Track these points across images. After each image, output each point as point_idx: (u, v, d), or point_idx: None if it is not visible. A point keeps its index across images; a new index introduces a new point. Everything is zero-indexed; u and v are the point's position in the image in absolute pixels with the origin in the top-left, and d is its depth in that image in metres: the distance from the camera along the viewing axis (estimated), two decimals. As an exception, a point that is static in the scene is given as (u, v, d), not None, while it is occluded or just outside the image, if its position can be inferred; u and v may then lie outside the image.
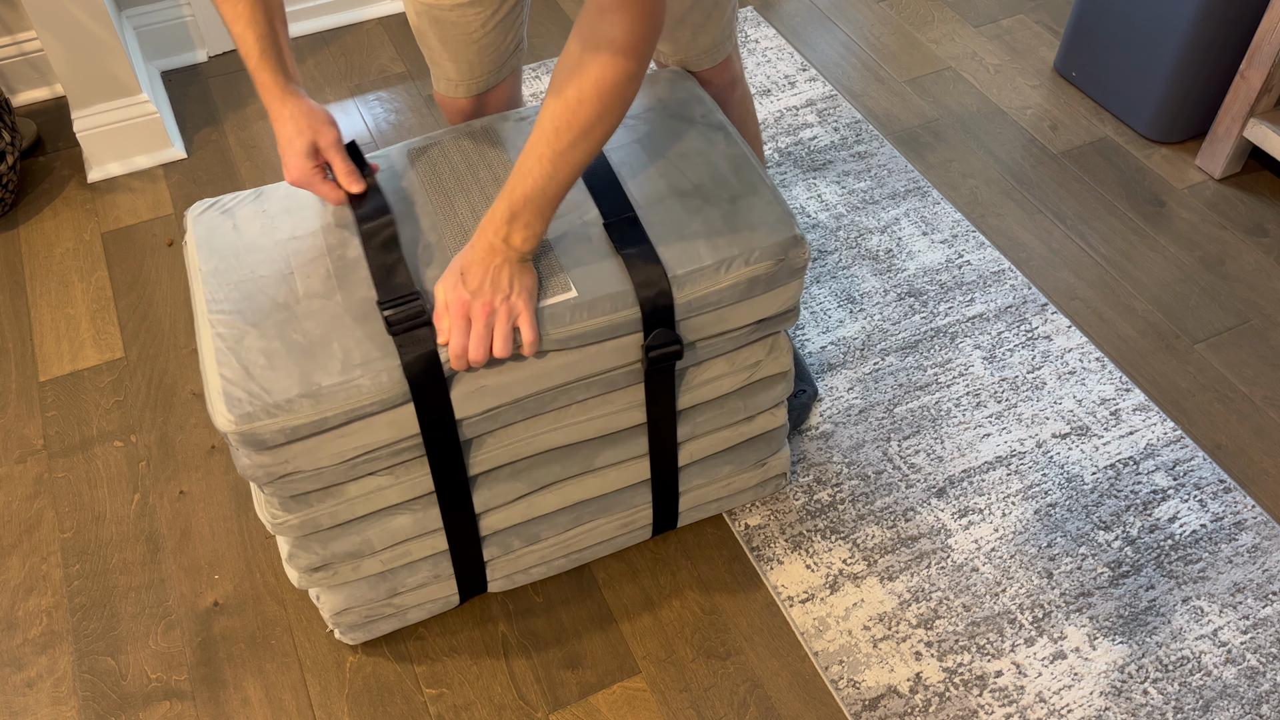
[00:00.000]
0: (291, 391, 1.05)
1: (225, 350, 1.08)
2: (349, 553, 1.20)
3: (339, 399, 1.05)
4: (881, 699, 1.32)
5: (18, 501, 1.53)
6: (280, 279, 1.14)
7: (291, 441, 1.07)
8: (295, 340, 1.08)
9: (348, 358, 1.07)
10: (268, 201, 1.23)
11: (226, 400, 1.04)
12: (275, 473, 1.09)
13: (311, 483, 1.12)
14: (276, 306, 1.11)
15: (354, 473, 1.13)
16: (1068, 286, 1.82)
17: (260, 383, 1.05)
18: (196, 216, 1.22)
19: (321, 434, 1.07)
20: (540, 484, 1.26)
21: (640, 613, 1.41)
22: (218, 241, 1.18)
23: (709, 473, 1.39)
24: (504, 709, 1.32)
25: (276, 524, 1.15)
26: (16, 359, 1.72)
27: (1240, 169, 2.01)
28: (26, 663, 1.37)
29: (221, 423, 1.04)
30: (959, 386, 1.66)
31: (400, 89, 2.22)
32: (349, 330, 1.09)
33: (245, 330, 1.09)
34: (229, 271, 1.15)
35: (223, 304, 1.12)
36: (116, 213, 1.96)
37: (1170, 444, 1.58)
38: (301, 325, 1.09)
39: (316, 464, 1.09)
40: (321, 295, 1.12)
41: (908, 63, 2.27)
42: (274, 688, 1.34)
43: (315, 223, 1.19)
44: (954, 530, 1.49)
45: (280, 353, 1.07)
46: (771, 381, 1.33)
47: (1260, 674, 1.34)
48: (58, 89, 2.21)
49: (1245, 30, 1.91)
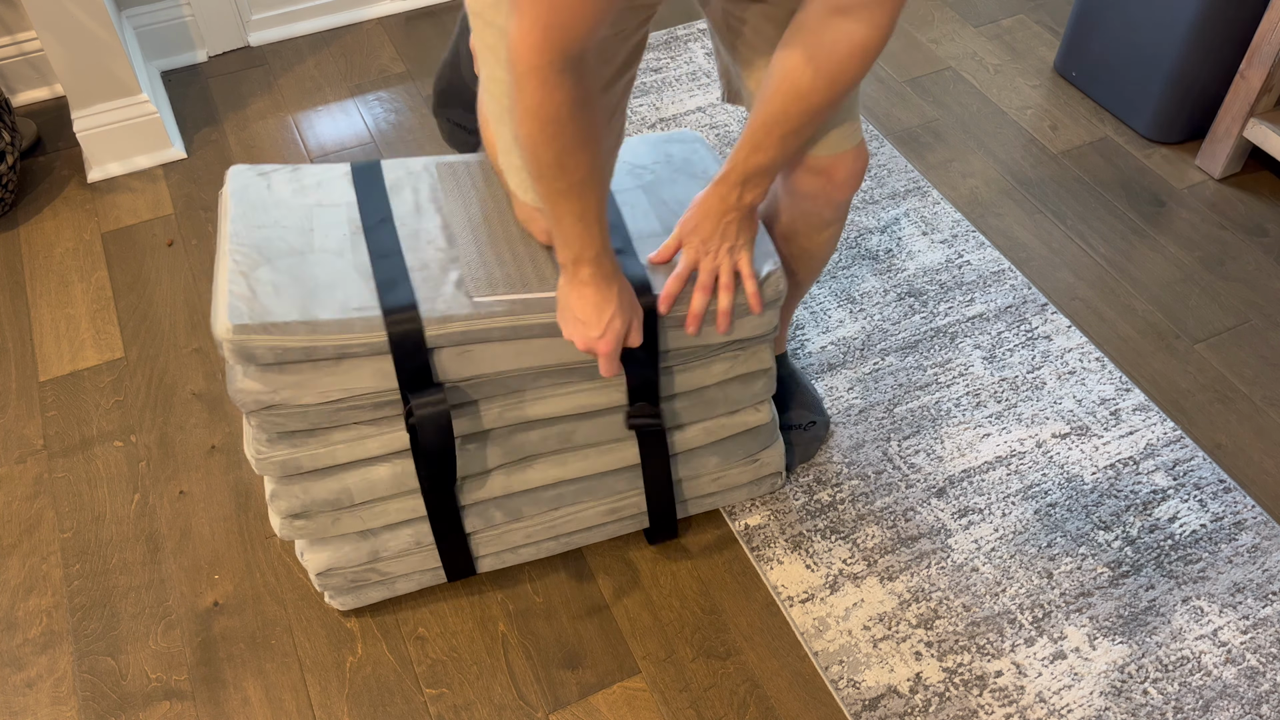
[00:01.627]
0: (290, 316, 1.12)
1: (238, 274, 1.16)
2: (328, 500, 1.25)
3: (331, 333, 1.13)
4: (881, 699, 1.32)
5: (18, 501, 1.53)
6: (300, 231, 1.23)
7: (282, 363, 1.13)
8: (303, 279, 1.17)
9: (347, 302, 1.15)
10: (303, 174, 1.32)
11: (230, 311, 1.11)
12: (263, 401, 1.14)
13: (297, 421, 1.17)
14: (292, 251, 1.20)
15: (337, 418, 1.19)
16: (1068, 286, 1.82)
17: (264, 303, 1.13)
18: (235, 174, 1.31)
19: (311, 364, 1.14)
20: (517, 454, 1.29)
21: (640, 613, 1.41)
22: (250, 195, 1.27)
23: (695, 464, 1.40)
24: (504, 709, 1.32)
25: (260, 459, 1.20)
26: (16, 359, 1.72)
27: (1240, 169, 2.01)
28: (26, 663, 1.37)
29: (221, 330, 1.11)
30: (959, 386, 1.66)
31: (400, 89, 2.22)
32: (354, 282, 1.17)
33: (260, 263, 1.18)
34: (255, 217, 1.24)
35: (244, 240, 1.20)
36: (116, 213, 1.96)
37: (1170, 444, 1.58)
38: (311, 270, 1.18)
39: (302, 400, 1.16)
40: (334, 251, 1.21)
41: (908, 63, 2.27)
42: (274, 688, 1.34)
43: (342, 198, 1.28)
44: (954, 530, 1.49)
45: (287, 286, 1.15)
46: (752, 378, 1.35)
47: (1260, 674, 1.34)
48: (58, 89, 2.21)
49: (1245, 30, 1.91)
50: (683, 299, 1.24)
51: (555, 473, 1.33)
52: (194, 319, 1.78)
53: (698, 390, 1.33)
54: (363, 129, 2.13)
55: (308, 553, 1.31)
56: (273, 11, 2.31)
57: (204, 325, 1.77)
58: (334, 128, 2.13)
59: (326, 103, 2.19)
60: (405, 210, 1.27)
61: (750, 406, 1.38)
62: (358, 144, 2.09)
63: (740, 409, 1.38)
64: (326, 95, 2.21)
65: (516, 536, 1.37)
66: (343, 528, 1.28)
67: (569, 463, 1.33)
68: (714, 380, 1.32)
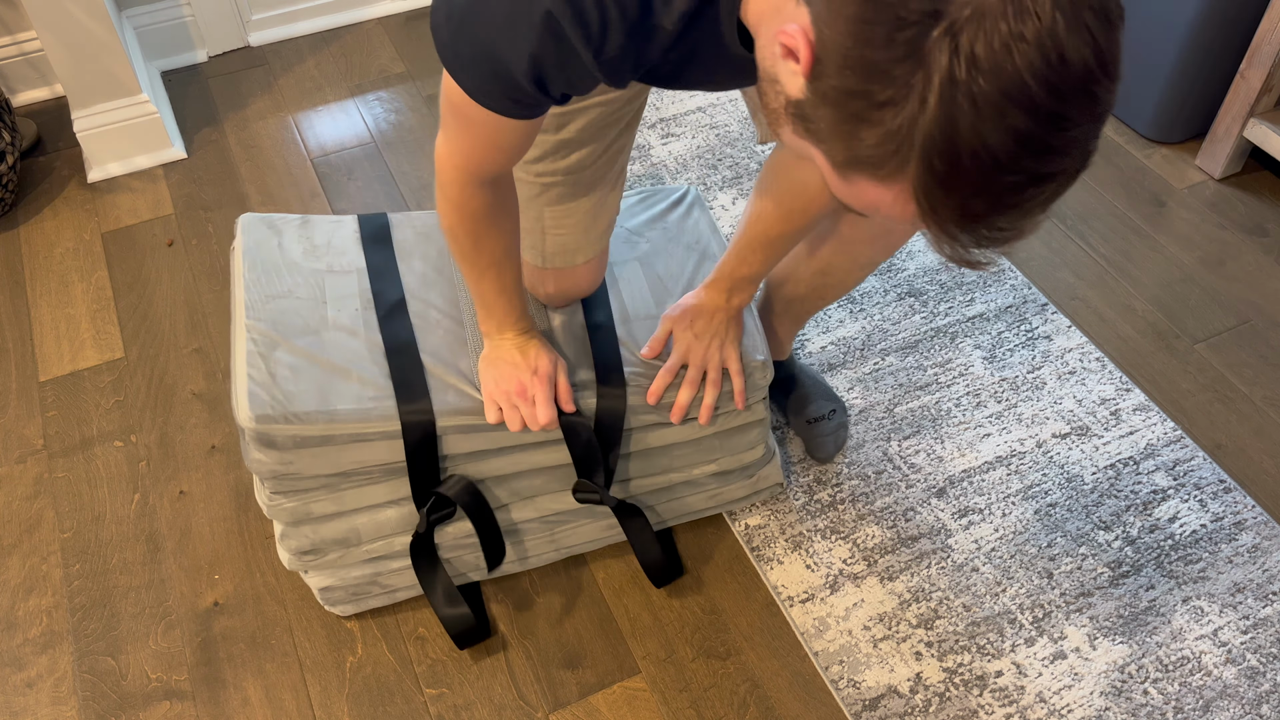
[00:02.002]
0: (310, 405, 1.16)
1: (256, 355, 1.20)
2: (338, 540, 1.27)
3: (349, 423, 1.17)
4: (881, 699, 1.32)
5: (18, 501, 1.53)
6: (314, 303, 1.26)
7: (299, 448, 1.16)
8: (320, 362, 1.21)
9: (362, 391, 1.19)
10: (313, 229, 1.35)
11: (251, 399, 1.15)
12: (278, 471, 1.18)
13: (308, 483, 1.21)
14: (308, 329, 1.24)
15: (347, 479, 1.23)
16: (1068, 286, 1.82)
17: (283, 390, 1.17)
18: (246, 225, 1.33)
19: (326, 446, 1.18)
20: (519, 496, 1.32)
21: (640, 613, 1.41)
22: (263, 255, 1.30)
23: (691, 487, 1.41)
24: (504, 709, 1.32)
25: (271, 507, 1.23)
26: (16, 359, 1.72)
27: (1240, 169, 2.01)
28: (26, 663, 1.37)
29: (242, 418, 1.15)
30: (959, 386, 1.66)
31: (400, 89, 2.22)
32: (367, 369, 1.21)
33: (277, 341, 1.21)
34: (269, 284, 1.27)
35: (260, 314, 1.24)
36: (116, 213, 1.96)
37: (1170, 444, 1.58)
38: (327, 351, 1.22)
39: (316, 470, 1.19)
40: (348, 330, 1.25)
41: (908, 63, 2.27)
42: (274, 688, 1.34)
43: (353, 264, 1.32)
44: (954, 530, 1.48)
45: (305, 369, 1.19)
46: (747, 428, 1.37)
47: (1260, 674, 1.34)
48: (58, 89, 2.21)
49: (1245, 30, 1.91)
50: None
51: (555, 506, 1.35)
52: (194, 319, 1.78)
53: (694, 440, 1.35)
54: (363, 129, 2.13)
55: (311, 573, 1.33)
56: (273, 11, 2.31)
57: (204, 325, 1.77)
58: (334, 128, 2.13)
59: (326, 103, 2.19)
60: (414, 281, 1.31)
61: (745, 449, 1.40)
62: (358, 144, 2.09)
63: (736, 453, 1.39)
64: (326, 95, 2.21)
65: (517, 552, 1.39)
66: (350, 559, 1.30)
67: (565, 497, 1.35)
68: (709, 432, 1.34)
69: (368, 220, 1.38)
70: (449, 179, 1.04)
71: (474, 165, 1.02)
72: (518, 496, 1.32)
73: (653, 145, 2.07)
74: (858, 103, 0.65)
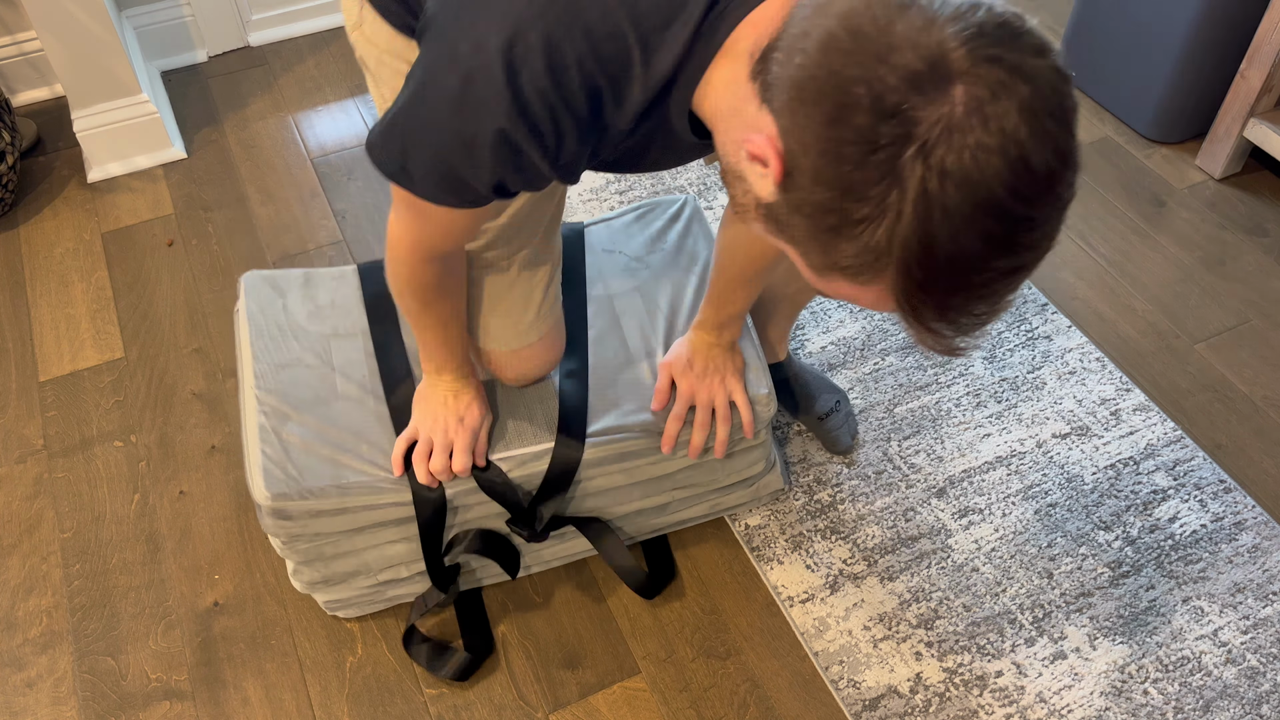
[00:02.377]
0: (323, 481, 1.19)
1: (269, 430, 1.22)
2: (348, 572, 1.31)
3: (362, 494, 1.20)
4: (881, 699, 1.32)
5: (18, 501, 1.53)
6: (322, 374, 1.29)
7: (314, 519, 1.20)
8: (330, 434, 1.23)
9: (374, 461, 1.22)
10: (316, 290, 1.38)
11: (265, 477, 1.19)
12: (294, 534, 1.22)
13: (323, 538, 1.25)
14: (317, 400, 1.26)
15: (359, 533, 1.26)
16: (1068, 286, 1.82)
17: (297, 466, 1.20)
18: (250, 287, 1.35)
19: (341, 515, 1.21)
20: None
21: (640, 613, 1.41)
22: (268, 319, 1.33)
23: (693, 500, 1.42)
24: (504, 709, 1.32)
25: (284, 547, 1.26)
26: (16, 359, 1.72)
27: (1240, 169, 2.01)
28: (26, 663, 1.37)
29: (259, 496, 1.18)
30: (959, 386, 1.66)
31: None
32: (377, 436, 1.24)
33: (287, 414, 1.24)
34: (276, 352, 1.29)
35: (269, 384, 1.27)
36: (116, 213, 1.96)
37: (1170, 444, 1.58)
38: (337, 422, 1.24)
39: (329, 531, 1.23)
40: (356, 399, 1.27)
41: (908, 63, 2.27)
42: (274, 688, 1.34)
43: (357, 325, 1.34)
44: (954, 530, 1.48)
45: (316, 443, 1.22)
46: (749, 450, 1.39)
47: (1260, 674, 1.34)
48: (58, 89, 2.21)
49: (1245, 30, 1.91)
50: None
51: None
52: (194, 319, 1.78)
53: (696, 465, 1.36)
54: (363, 129, 2.13)
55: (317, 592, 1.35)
56: (273, 11, 2.31)
57: (204, 325, 1.77)
58: (334, 128, 2.13)
59: (326, 103, 2.19)
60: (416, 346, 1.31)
61: (747, 467, 1.41)
62: (358, 144, 2.09)
63: (738, 470, 1.40)
64: (326, 95, 2.21)
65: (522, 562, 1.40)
66: (359, 585, 1.33)
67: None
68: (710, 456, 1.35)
69: (368, 273, 1.39)
70: (402, 256, 1.05)
71: (427, 246, 1.03)
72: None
73: (653, 145, 2.07)
74: (833, 218, 0.66)
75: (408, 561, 1.31)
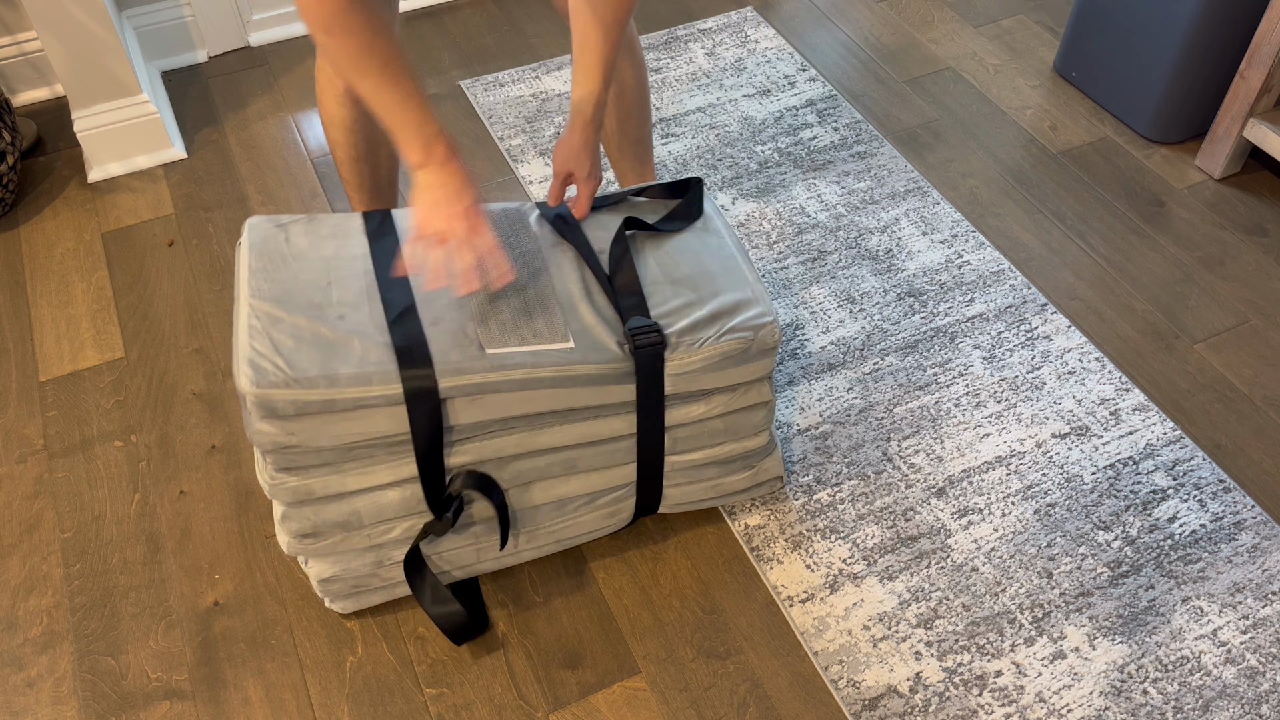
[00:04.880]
0: (311, 371, 1.16)
1: (259, 329, 1.20)
2: (338, 523, 1.27)
3: (350, 387, 1.16)
4: (881, 699, 1.33)
5: (18, 501, 1.53)
6: (318, 285, 1.26)
7: (301, 415, 1.17)
8: (322, 333, 1.20)
9: (365, 356, 1.18)
10: (318, 225, 1.35)
11: (253, 368, 1.16)
12: (280, 443, 1.18)
13: (311, 458, 1.21)
14: (311, 305, 1.23)
15: (350, 455, 1.22)
16: (1068, 286, 1.82)
17: (286, 358, 1.17)
18: (253, 226, 1.34)
19: (329, 414, 1.17)
20: (521, 480, 1.31)
21: (640, 613, 1.41)
22: (269, 246, 1.31)
23: (693, 474, 1.41)
24: (504, 709, 1.32)
25: (273, 485, 1.23)
26: (16, 359, 1.72)
27: (1240, 169, 2.01)
28: (27, 663, 1.37)
29: (244, 385, 1.15)
30: (959, 386, 1.66)
31: (400, 89, 2.22)
32: (371, 336, 1.20)
33: (280, 317, 1.21)
34: (274, 270, 1.27)
35: (264, 293, 1.24)
36: (117, 213, 1.96)
37: (1170, 444, 1.58)
38: (330, 324, 1.21)
39: (318, 443, 1.19)
40: (352, 305, 1.24)
41: (908, 63, 2.27)
42: (274, 688, 1.34)
43: (358, 249, 1.32)
44: (954, 530, 1.49)
45: (307, 339, 1.19)
46: (753, 410, 1.37)
47: (1260, 674, 1.34)
48: (58, 89, 2.21)
49: (1245, 30, 1.91)
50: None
51: (558, 492, 1.34)
52: (194, 319, 1.78)
53: (699, 421, 1.35)
54: (363, 129, 2.13)
55: (311, 562, 1.32)
56: (273, 11, 2.31)
57: (204, 325, 1.77)
58: (334, 128, 2.13)
59: (326, 103, 2.19)
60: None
61: (750, 434, 1.39)
62: (358, 144, 2.09)
63: (741, 438, 1.39)
64: (326, 95, 2.21)
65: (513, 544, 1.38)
66: (350, 544, 1.30)
67: (571, 482, 1.34)
68: (715, 413, 1.34)
69: (372, 215, 1.38)
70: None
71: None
72: (518, 481, 1.30)
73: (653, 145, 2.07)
74: None
75: (400, 516, 1.28)
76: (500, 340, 1.21)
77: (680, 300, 1.30)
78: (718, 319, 1.29)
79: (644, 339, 1.23)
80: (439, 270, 1.18)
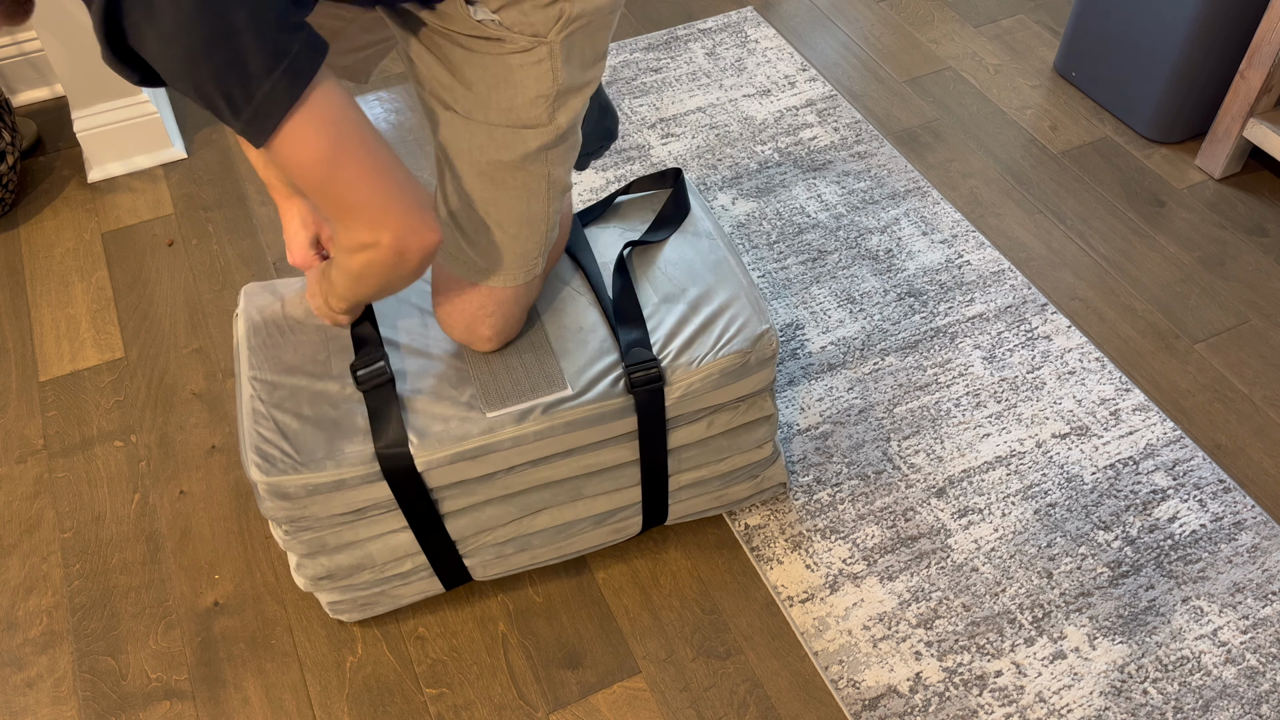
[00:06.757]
0: (318, 453, 1.18)
1: (263, 412, 1.21)
2: (352, 565, 1.29)
3: (359, 465, 1.19)
4: (881, 699, 1.33)
5: (18, 501, 1.53)
6: (317, 359, 1.28)
7: (312, 495, 1.18)
8: (325, 411, 1.22)
9: (368, 433, 1.20)
10: None
11: (261, 455, 1.18)
12: (293, 516, 1.20)
13: (324, 522, 1.23)
14: (312, 381, 1.25)
15: (361, 516, 1.24)
16: (1068, 286, 1.82)
17: (292, 442, 1.19)
18: (249, 293, 1.36)
19: (339, 491, 1.20)
20: (530, 510, 1.32)
21: (640, 613, 1.41)
22: (265, 318, 1.32)
23: (697, 489, 1.41)
24: (504, 709, 1.32)
25: (287, 540, 1.24)
26: (16, 359, 1.72)
27: (1240, 169, 2.01)
28: (26, 663, 1.37)
29: (255, 475, 1.17)
30: (959, 386, 1.66)
31: (400, 89, 2.22)
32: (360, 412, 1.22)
33: (282, 397, 1.23)
34: (272, 345, 1.29)
35: (264, 370, 1.26)
36: (117, 213, 1.96)
37: (1170, 444, 1.58)
38: (332, 400, 1.23)
39: (329, 512, 1.21)
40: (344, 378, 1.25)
41: (908, 63, 2.27)
42: (274, 688, 1.34)
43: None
44: (954, 530, 1.49)
45: (311, 419, 1.21)
46: (754, 425, 1.37)
47: (1260, 674, 1.34)
48: (58, 89, 2.21)
49: (1245, 30, 1.91)
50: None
51: (565, 516, 1.35)
52: (194, 319, 1.78)
53: (703, 441, 1.35)
54: (363, 129, 2.12)
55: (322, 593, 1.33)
56: (273, 11, 2.31)
57: (204, 325, 1.77)
58: (334, 128, 2.13)
59: (326, 103, 2.19)
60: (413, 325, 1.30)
61: (754, 448, 1.40)
62: (358, 144, 2.09)
63: (744, 451, 1.39)
64: (326, 95, 2.21)
65: (521, 559, 1.39)
66: (364, 580, 1.32)
67: (578, 506, 1.35)
68: (718, 430, 1.34)
69: None
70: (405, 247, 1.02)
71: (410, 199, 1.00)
72: (526, 511, 1.32)
73: (652, 145, 2.07)
74: None
75: (412, 553, 1.30)
76: (500, 402, 1.22)
77: (675, 317, 1.29)
78: (713, 326, 1.29)
79: (641, 374, 1.23)
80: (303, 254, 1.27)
